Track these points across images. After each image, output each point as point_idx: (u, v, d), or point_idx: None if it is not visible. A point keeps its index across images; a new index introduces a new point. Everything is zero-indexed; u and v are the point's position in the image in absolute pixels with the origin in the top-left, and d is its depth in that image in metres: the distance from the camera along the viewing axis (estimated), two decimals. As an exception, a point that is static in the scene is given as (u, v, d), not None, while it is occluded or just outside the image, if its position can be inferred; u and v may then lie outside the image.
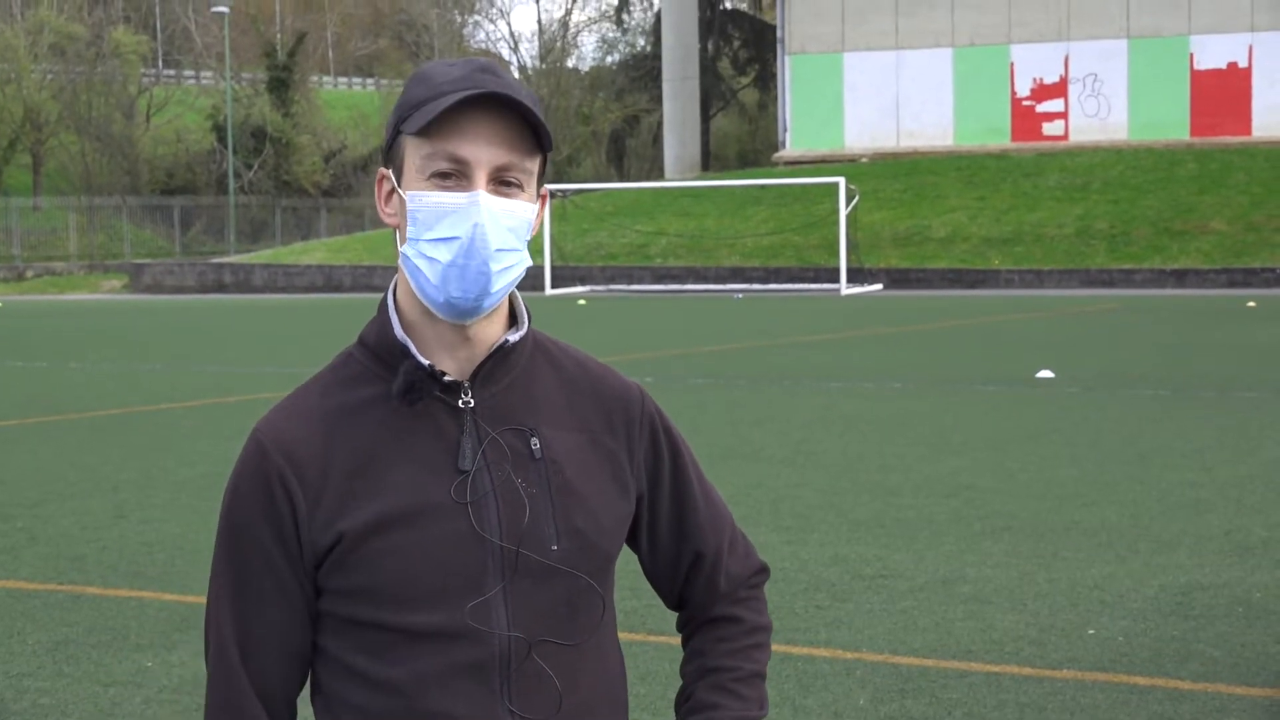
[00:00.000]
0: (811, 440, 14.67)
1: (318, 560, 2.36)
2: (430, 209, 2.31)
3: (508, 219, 2.32)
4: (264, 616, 2.38)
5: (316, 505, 2.34)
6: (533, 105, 2.33)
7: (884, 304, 40.46)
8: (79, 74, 75.68)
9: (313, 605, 2.39)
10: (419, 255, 2.32)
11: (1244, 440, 14.15)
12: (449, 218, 2.30)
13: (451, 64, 2.36)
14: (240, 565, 2.38)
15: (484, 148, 2.30)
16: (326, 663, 2.40)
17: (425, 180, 2.31)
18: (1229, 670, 7.03)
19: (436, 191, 2.31)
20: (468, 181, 2.30)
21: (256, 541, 2.37)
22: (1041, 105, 61.10)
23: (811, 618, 8.10)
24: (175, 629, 8.07)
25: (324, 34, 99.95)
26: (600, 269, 52.09)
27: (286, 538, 2.35)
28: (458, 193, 2.30)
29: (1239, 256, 46.96)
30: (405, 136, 2.34)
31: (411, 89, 2.35)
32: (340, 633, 2.37)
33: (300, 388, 2.45)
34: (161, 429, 16.26)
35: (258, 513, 2.36)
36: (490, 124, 2.31)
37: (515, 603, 2.35)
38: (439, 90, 2.31)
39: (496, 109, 2.30)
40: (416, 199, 2.32)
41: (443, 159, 2.30)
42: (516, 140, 2.32)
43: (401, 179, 2.36)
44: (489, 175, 2.31)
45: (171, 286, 56.85)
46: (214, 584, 2.42)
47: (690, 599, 2.60)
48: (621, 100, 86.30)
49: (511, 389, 2.41)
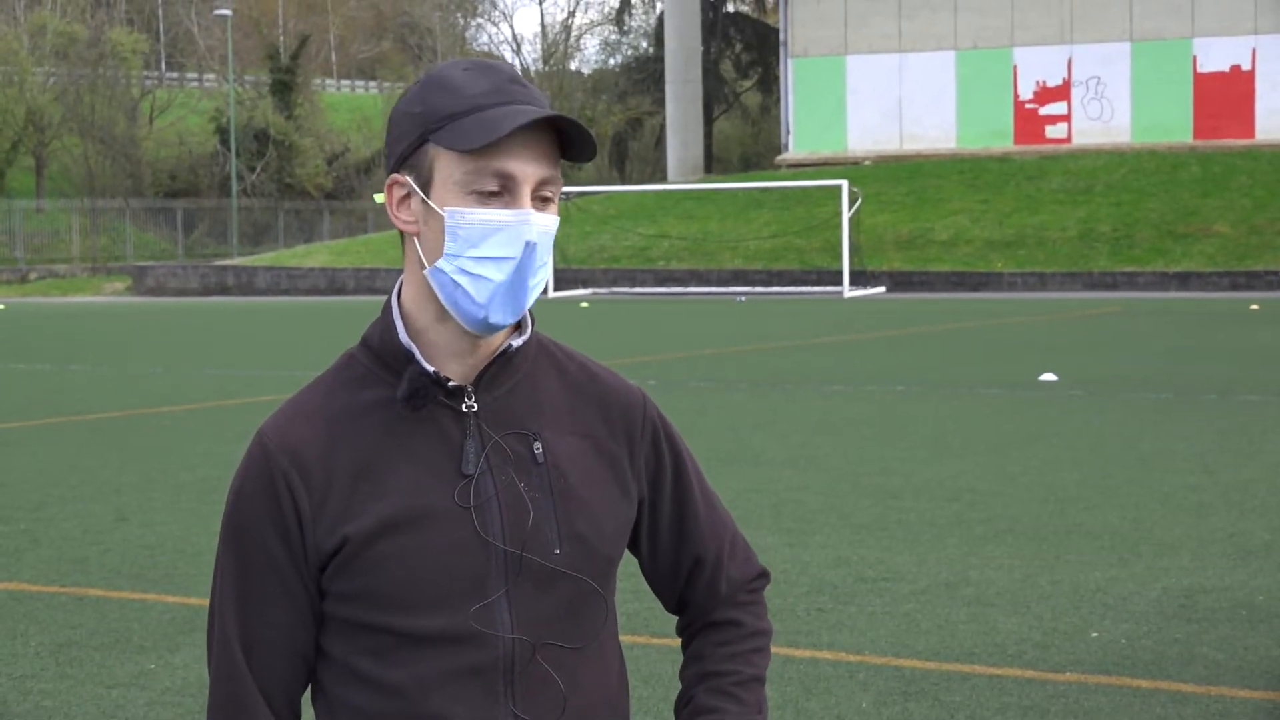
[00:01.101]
0: (813, 443, 14.67)
1: (322, 562, 2.36)
2: (476, 226, 2.29)
3: (548, 236, 2.32)
4: (268, 616, 2.38)
5: (321, 508, 2.35)
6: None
7: (886, 307, 40.45)
8: (81, 76, 75.74)
9: (316, 606, 2.39)
10: (460, 272, 2.30)
11: (1246, 443, 14.15)
12: (497, 235, 2.28)
13: (467, 68, 2.34)
14: (244, 565, 2.39)
15: (530, 164, 2.29)
16: (329, 665, 2.40)
17: (467, 195, 2.29)
18: (1232, 673, 7.03)
19: (482, 209, 2.28)
20: (512, 198, 2.29)
21: (260, 542, 2.37)
22: (1044, 108, 61.12)
23: (814, 620, 8.10)
24: (178, 631, 8.07)
25: (327, 37, 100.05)
26: (603, 272, 52.11)
27: (290, 539, 2.36)
28: (505, 209, 2.28)
29: (1242, 259, 46.96)
30: (439, 149, 2.31)
31: (435, 97, 2.32)
32: (344, 635, 2.38)
33: (304, 389, 2.45)
34: (163, 432, 16.26)
35: (262, 513, 2.36)
36: (536, 141, 2.30)
37: (518, 606, 2.35)
38: (474, 104, 2.29)
39: (542, 124, 2.30)
40: (458, 215, 2.29)
41: (490, 176, 2.28)
42: (552, 154, 2.32)
43: (431, 191, 2.32)
44: (532, 191, 2.30)
45: (174, 289, 56.88)
46: (217, 584, 2.42)
47: (690, 603, 2.60)
48: (624, 103, 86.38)
49: (515, 393, 2.41)
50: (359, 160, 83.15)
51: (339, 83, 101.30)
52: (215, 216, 74.62)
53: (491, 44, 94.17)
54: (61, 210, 72.21)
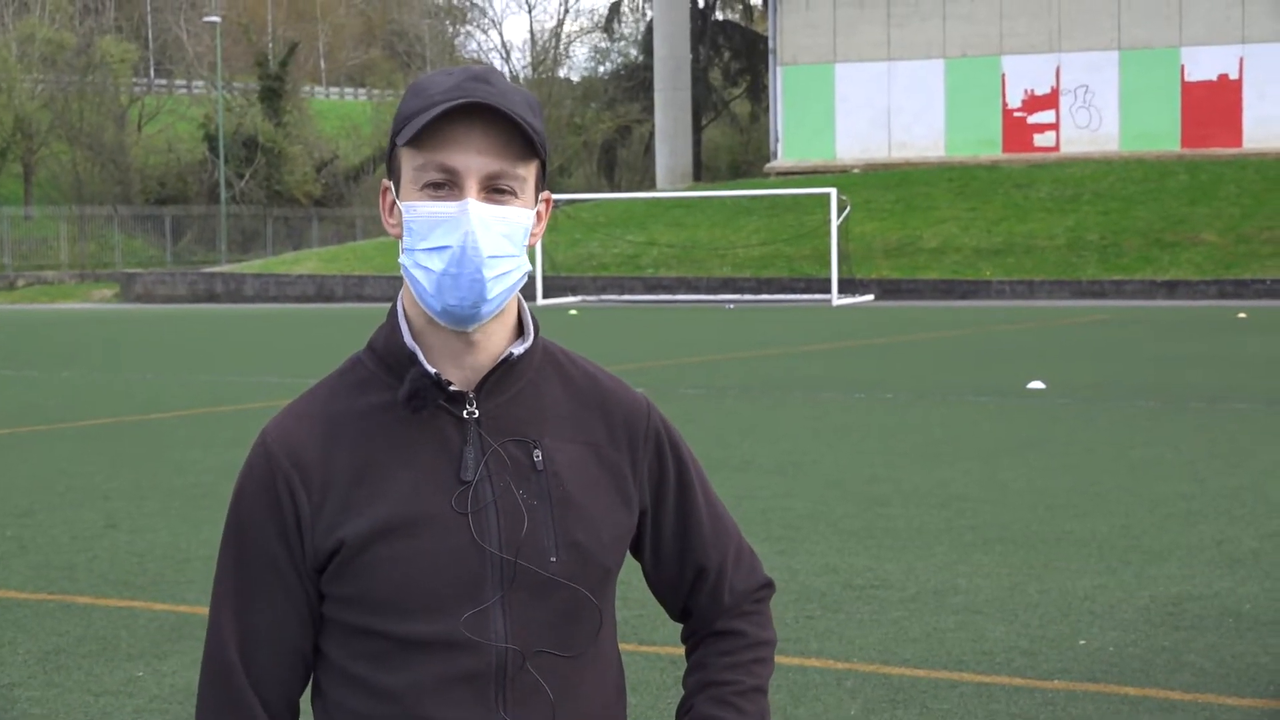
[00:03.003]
0: (802, 451, 14.68)
1: (320, 564, 2.38)
2: (423, 219, 2.33)
3: (500, 225, 2.32)
4: (266, 616, 2.40)
5: (320, 510, 2.36)
6: (528, 110, 2.34)
7: (875, 315, 40.48)
8: (70, 83, 75.66)
9: (315, 607, 2.41)
10: (415, 265, 2.34)
11: (1235, 451, 14.17)
12: (441, 227, 2.31)
13: (449, 73, 2.37)
14: (244, 565, 2.41)
15: (473, 156, 2.31)
16: (327, 668, 2.42)
17: (419, 191, 2.33)
18: (1219, 681, 7.04)
19: (429, 201, 2.32)
20: (458, 190, 2.32)
21: (261, 542, 2.39)
22: (1033, 116, 61.19)
23: (802, 628, 8.10)
24: (166, 639, 8.06)
25: (316, 44, 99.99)
26: (592, 279, 52.09)
27: (290, 540, 2.37)
28: (449, 202, 2.31)
29: (1229, 268, 47.02)
30: (400, 148, 2.36)
31: (407, 100, 2.37)
32: (341, 639, 2.39)
33: (308, 391, 2.47)
34: (152, 438, 16.24)
35: (263, 514, 2.38)
36: (479, 132, 2.31)
37: (513, 614, 2.36)
38: (431, 101, 2.32)
39: (486, 116, 2.31)
40: (411, 209, 2.34)
41: (433, 169, 2.32)
42: (506, 147, 2.33)
43: (399, 190, 2.37)
44: (480, 184, 2.32)
45: (163, 296, 56.79)
46: (218, 586, 2.44)
47: (694, 611, 2.61)
48: (613, 110, 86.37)
49: (517, 400, 2.42)
50: (348, 167, 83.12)
51: (328, 90, 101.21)
52: (204, 223, 74.52)
53: (480, 51, 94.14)
54: (50, 217, 72.11)
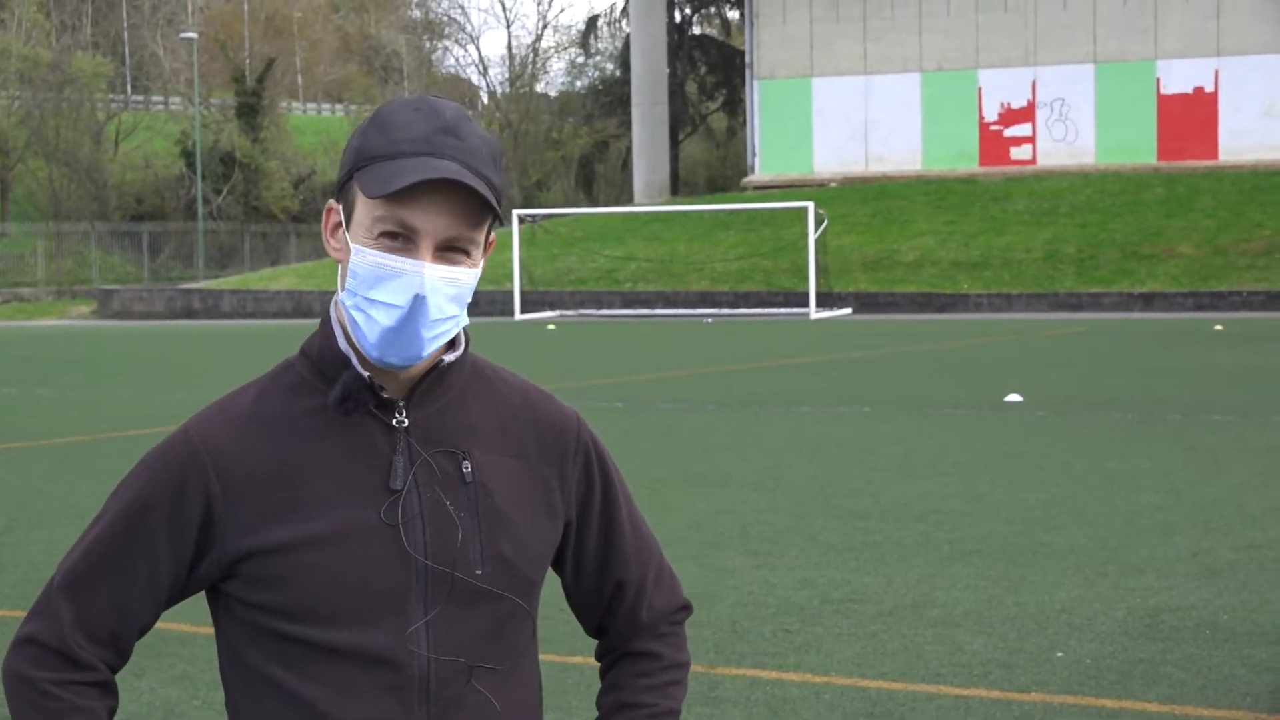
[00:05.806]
0: (780, 465, 14.69)
1: (227, 564, 2.35)
2: (371, 268, 2.30)
3: (449, 288, 2.31)
4: (115, 594, 2.37)
5: (236, 510, 2.34)
6: (492, 166, 2.33)
7: (853, 328, 40.54)
8: (45, 100, 75.50)
9: (175, 597, 2.40)
10: (357, 309, 2.32)
11: (1211, 463, 14.22)
12: (391, 282, 2.28)
13: (417, 108, 2.34)
14: (117, 539, 2.37)
15: (434, 218, 2.28)
16: (243, 672, 2.39)
17: (374, 239, 2.30)
18: (1196, 692, 7.06)
19: (382, 252, 2.29)
20: (414, 249, 2.29)
21: (147, 524, 2.36)
22: (1009, 130, 61.41)
23: (780, 642, 8.11)
24: (142, 656, 8.03)
25: (293, 60, 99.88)
26: (570, 294, 52.12)
27: (183, 533, 2.35)
28: (403, 257, 2.28)
29: (1206, 280, 47.20)
30: (357, 188, 2.32)
31: (370, 135, 2.33)
32: (258, 642, 2.37)
33: (237, 390, 2.45)
34: (130, 456, 16.13)
35: (163, 498, 2.35)
36: (441, 195, 2.28)
37: (438, 625, 2.35)
38: (397, 149, 2.29)
39: (454, 183, 2.28)
40: (361, 254, 2.31)
41: (393, 222, 2.28)
42: (466, 212, 2.30)
43: (350, 224, 2.35)
44: (436, 245, 2.29)
45: (140, 312, 56.70)
46: (80, 541, 2.40)
47: (610, 628, 2.61)
48: (590, 125, 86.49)
49: (447, 410, 2.41)
50: (325, 183, 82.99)
51: (305, 105, 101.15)
52: (181, 239, 74.40)
53: (458, 67, 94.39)
54: (27, 234, 71.93)
